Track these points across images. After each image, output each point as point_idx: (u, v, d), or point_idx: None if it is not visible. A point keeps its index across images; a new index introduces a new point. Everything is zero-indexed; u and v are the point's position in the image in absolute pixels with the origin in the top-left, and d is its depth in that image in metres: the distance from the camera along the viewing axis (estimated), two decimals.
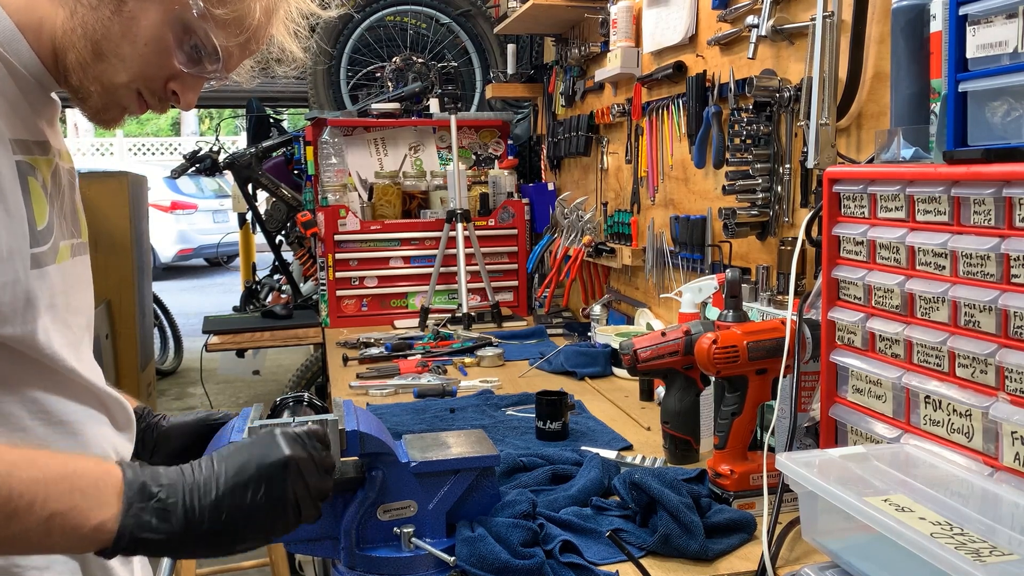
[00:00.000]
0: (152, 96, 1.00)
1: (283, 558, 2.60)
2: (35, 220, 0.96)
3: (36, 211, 0.96)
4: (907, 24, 1.29)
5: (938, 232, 1.07)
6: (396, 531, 1.07)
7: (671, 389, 1.58)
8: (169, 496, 0.82)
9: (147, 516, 0.81)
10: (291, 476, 0.86)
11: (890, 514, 0.90)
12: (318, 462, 0.89)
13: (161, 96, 1.00)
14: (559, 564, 1.11)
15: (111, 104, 0.99)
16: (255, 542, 0.86)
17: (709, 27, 2.15)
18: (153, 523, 0.81)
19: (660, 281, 2.51)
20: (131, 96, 0.99)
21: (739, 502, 1.31)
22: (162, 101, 1.01)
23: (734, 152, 1.97)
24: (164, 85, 0.99)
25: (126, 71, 0.96)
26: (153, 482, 0.82)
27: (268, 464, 0.86)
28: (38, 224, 0.96)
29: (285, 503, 0.86)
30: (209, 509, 0.82)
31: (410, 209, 3.42)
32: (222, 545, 0.84)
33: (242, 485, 0.84)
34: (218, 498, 0.83)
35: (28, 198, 0.95)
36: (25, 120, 0.97)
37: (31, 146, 0.97)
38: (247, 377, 6.49)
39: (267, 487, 0.85)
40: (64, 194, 1.05)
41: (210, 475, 0.84)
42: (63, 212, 1.04)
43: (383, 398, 2.13)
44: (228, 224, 10.18)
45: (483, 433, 1.22)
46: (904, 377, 1.12)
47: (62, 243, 1.02)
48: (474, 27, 3.98)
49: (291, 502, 0.86)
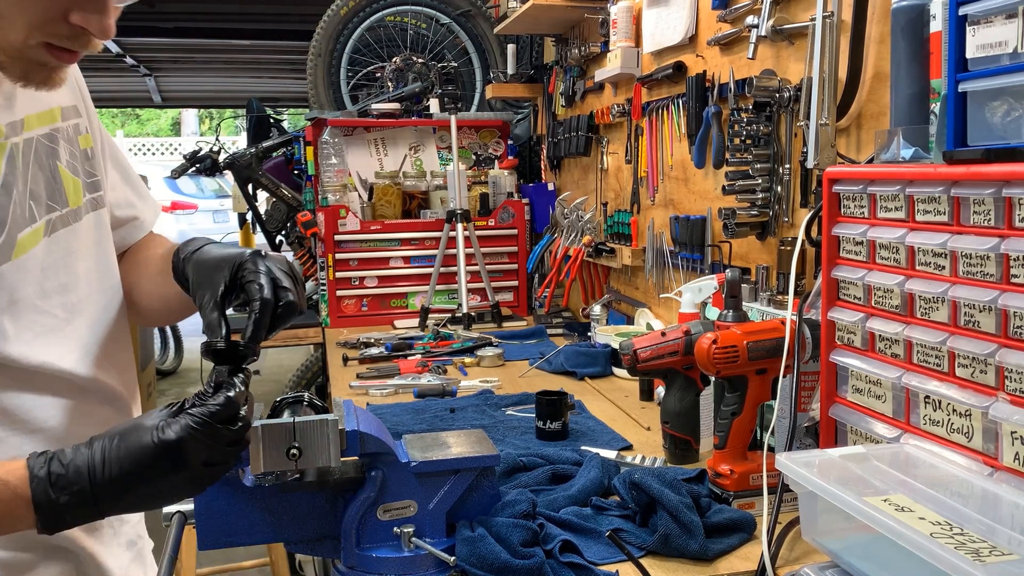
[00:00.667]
0: (63, 40, 0.88)
1: (283, 558, 2.60)
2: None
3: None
4: (907, 24, 1.29)
5: (938, 232, 1.07)
6: (396, 531, 1.07)
7: (671, 389, 1.58)
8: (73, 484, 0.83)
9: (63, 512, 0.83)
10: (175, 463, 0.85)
11: (890, 514, 0.90)
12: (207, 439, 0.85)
13: (71, 35, 0.88)
14: (559, 564, 1.11)
15: (28, 66, 0.90)
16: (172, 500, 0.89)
17: (709, 27, 2.15)
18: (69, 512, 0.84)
19: (660, 281, 2.51)
20: (41, 50, 0.88)
21: (739, 502, 1.31)
22: (77, 40, 0.89)
23: (734, 152, 1.97)
24: (67, 23, 0.87)
25: (17, 28, 0.86)
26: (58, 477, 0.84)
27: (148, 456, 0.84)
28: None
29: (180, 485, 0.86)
30: (109, 490, 0.84)
31: (410, 209, 3.42)
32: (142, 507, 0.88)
33: (140, 470, 0.84)
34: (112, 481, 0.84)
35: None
36: None
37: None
38: None
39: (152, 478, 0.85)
40: (32, 167, 0.99)
41: (100, 462, 0.84)
42: (28, 191, 0.98)
43: (383, 398, 2.13)
44: (228, 224, 10.18)
45: (483, 433, 1.22)
46: (904, 377, 1.12)
47: (23, 233, 0.97)
48: (474, 27, 3.98)
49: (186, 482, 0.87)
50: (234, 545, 1.04)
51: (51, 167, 1.03)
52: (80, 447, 0.85)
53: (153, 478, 0.84)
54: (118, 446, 0.84)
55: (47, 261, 1.01)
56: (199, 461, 0.86)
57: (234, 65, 7.51)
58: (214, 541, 1.03)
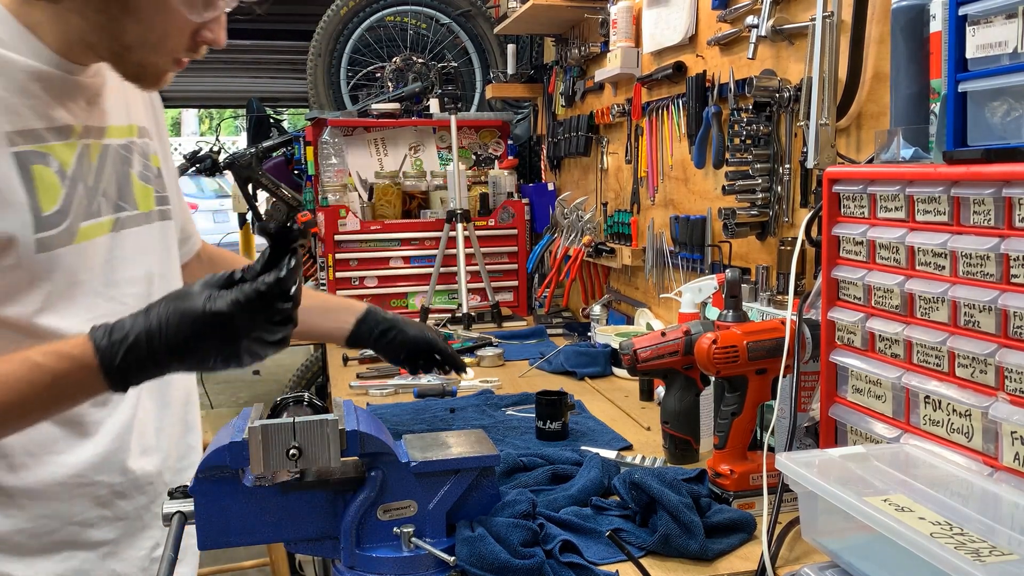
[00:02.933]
0: (187, 52, 1.06)
1: (283, 558, 2.60)
2: (40, 206, 1.00)
3: (43, 196, 1.01)
4: (907, 24, 1.29)
5: (938, 232, 1.07)
6: (396, 531, 1.07)
7: (671, 389, 1.58)
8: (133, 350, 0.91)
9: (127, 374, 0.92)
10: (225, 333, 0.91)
11: (890, 514, 0.90)
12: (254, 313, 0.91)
13: (193, 47, 1.06)
14: (559, 564, 1.11)
15: (160, 75, 1.07)
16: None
17: (709, 27, 2.15)
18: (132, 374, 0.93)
19: (660, 281, 2.51)
20: (170, 63, 1.06)
21: (739, 502, 1.31)
22: (195, 52, 1.07)
23: (734, 152, 1.97)
24: (193, 40, 1.05)
25: (158, 49, 1.03)
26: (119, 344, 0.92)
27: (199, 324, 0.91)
28: (44, 210, 1.01)
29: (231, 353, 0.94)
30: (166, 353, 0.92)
31: (410, 209, 3.42)
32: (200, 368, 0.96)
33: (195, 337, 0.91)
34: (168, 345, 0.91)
35: (32, 184, 1.00)
36: (35, 109, 1.02)
37: (43, 133, 1.03)
38: (247, 377, 6.50)
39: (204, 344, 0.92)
40: (107, 170, 1.12)
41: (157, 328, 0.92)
42: (99, 189, 1.10)
43: (383, 398, 2.13)
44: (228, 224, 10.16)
45: (483, 433, 1.22)
46: (904, 377, 1.12)
47: (86, 223, 1.07)
48: (474, 27, 3.98)
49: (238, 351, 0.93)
50: (234, 545, 1.04)
51: (124, 173, 1.16)
52: (138, 315, 0.93)
53: (204, 344, 0.92)
54: (170, 314, 0.91)
55: (114, 254, 1.12)
56: (247, 333, 0.92)
57: (234, 65, 7.50)
58: (214, 541, 1.03)
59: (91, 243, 1.07)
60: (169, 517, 0.99)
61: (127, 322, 0.93)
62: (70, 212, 1.04)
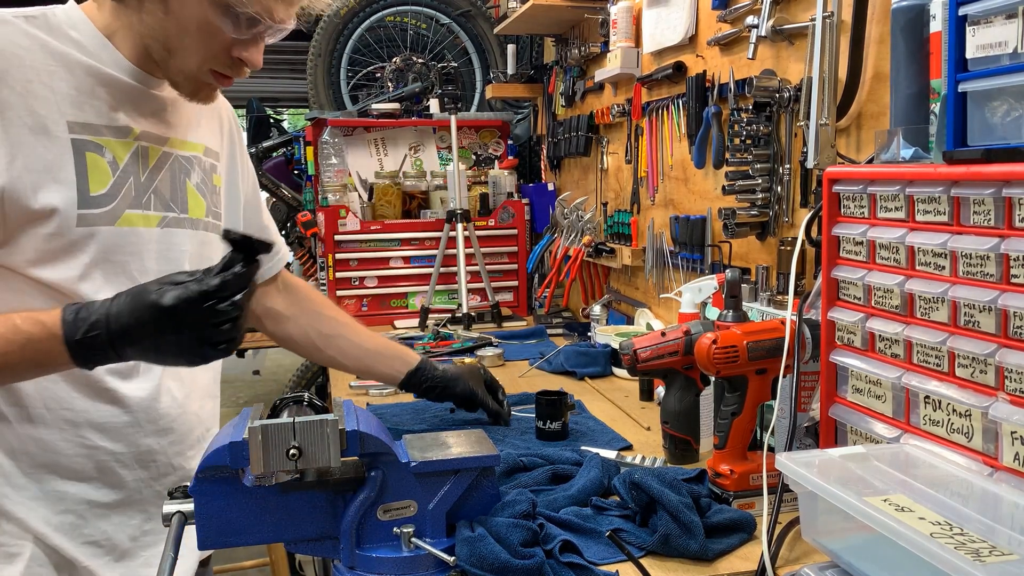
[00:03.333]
0: (225, 68, 1.15)
1: (283, 558, 2.60)
2: (88, 187, 1.13)
3: (92, 179, 1.13)
4: (907, 24, 1.29)
5: (938, 232, 1.07)
6: (396, 531, 1.07)
7: (671, 389, 1.58)
8: (92, 329, 0.98)
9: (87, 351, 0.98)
10: (172, 325, 0.96)
11: (890, 514, 0.90)
12: (197, 311, 0.96)
13: (231, 64, 1.15)
14: (559, 564, 1.11)
15: (199, 86, 1.17)
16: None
17: (709, 27, 2.15)
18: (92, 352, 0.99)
19: (660, 281, 2.51)
20: (208, 75, 1.15)
21: (739, 502, 1.31)
22: (236, 68, 1.16)
23: (734, 152, 1.97)
24: (229, 55, 1.14)
25: (194, 58, 1.13)
26: (82, 322, 0.98)
27: (147, 314, 0.96)
28: (92, 190, 1.13)
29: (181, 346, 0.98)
30: (120, 338, 0.97)
31: (410, 209, 3.42)
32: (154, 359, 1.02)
33: (141, 325, 0.96)
34: (122, 331, 0.97)
35: (84, 168, 1.12)
36: (98, 109, 1.15)
37: (101, 129, 1.15)
38: (247, 377, 6.50)
39: (153, 334, 0.97)
40: (163, 173, 1.23)
41: (115, 313, 0.97)
42: (150, 187, 1.21)
43: (383, 398, 2.13)
44: None
45: (483, 433, 1.22)
46: (904, 377, 1.12)
47: (132, 211, 1.18)
48: (474, 27, 3.98)
49: (185, 345, 0.98)
50: (234, 545, 1.04)
51: (181, 180, 1.26)
52: (108, 300, 0.99)
53: (154, 334, 0.96)
54: (127, 301, 0.98)
55: (158, 247, 1.22)
56: (190, 330, 0.96)
57: None
58: (214, 541, 1.03)
59: (133, 230, 1.18)
60: (169, 517, 0.99)
61: (97, 304, 0.99)
62: (116, 197, 1.16)
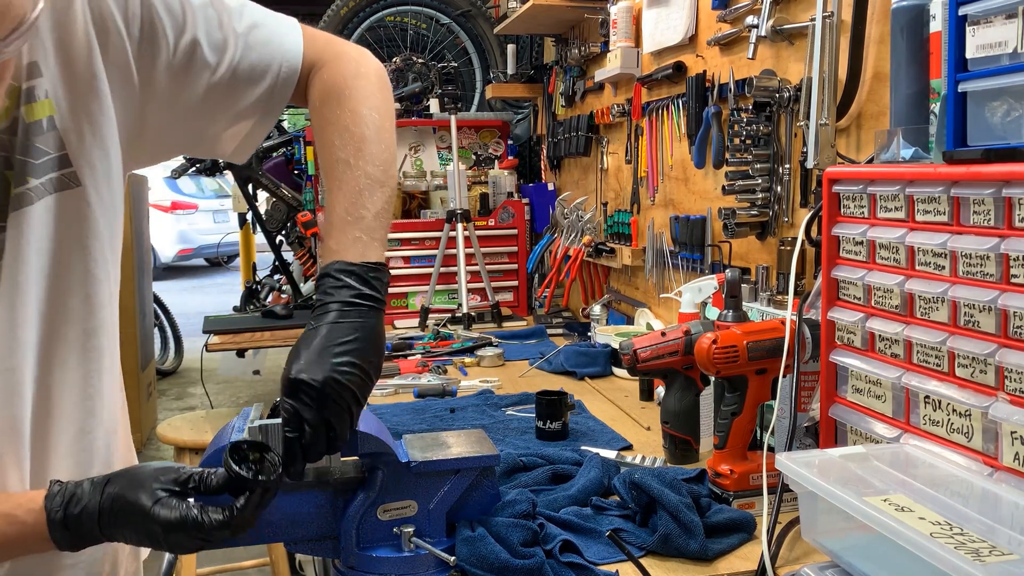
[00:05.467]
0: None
1: (283, 558, 2.60)
2: None
3: None
4: (907, 24, 1.29)
5: (938, 232, 1.07)
6: (396, 531, 1.07)
7: (671, 389, 1.58)
8: (84, 526, 0.90)
9: (76, 544, 0.91)
10: (165, 534, 0.90)
11: (890, 514, 0.90)
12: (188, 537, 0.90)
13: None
14: (559, 564, 1.11)
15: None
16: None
17: (709, 27, 2.15)
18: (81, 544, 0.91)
19: (660, 281, 2.51)
20: None
21: (739, 502, 1.31)
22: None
23: (734, 152, 1.97)
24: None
25: None
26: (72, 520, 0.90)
27: (141, 522, 0.90)
28: None
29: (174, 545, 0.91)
30: (112, 532, 0.91)
31: (410, 209, 3.42)
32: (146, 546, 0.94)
33: (127, 528, 0.90)
34: (116, 528, 0.91)
35: None
36: None
37: None
38: (247, 377, 6.48)
39: (147, 536, 0.90)
40: None
41: (108, 511, 0.90)
42: None
43: (383, 398, 2.13)
44: (228, 224, 10.17)
45: (483, 433, 1.22)
46: (904, 377, 1.12)
47: None
48: (474, 27, 3.98)
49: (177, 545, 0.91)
50: (234, 545, 1.04)
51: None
52: (96, 490, 0.90)
53: (143, 537, 0.91)
54: (120, 500, 0.90)
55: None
56: (185, 544, 0.91)
57: None
58: None
59: None
60: None
61: (85, 495, 0.90)
62: None
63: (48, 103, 0.94)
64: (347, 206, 1.01)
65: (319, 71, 1.11)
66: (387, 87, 1.13)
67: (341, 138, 1.05)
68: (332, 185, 1.03)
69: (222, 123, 1.10)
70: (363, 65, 1.12)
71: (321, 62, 1.11)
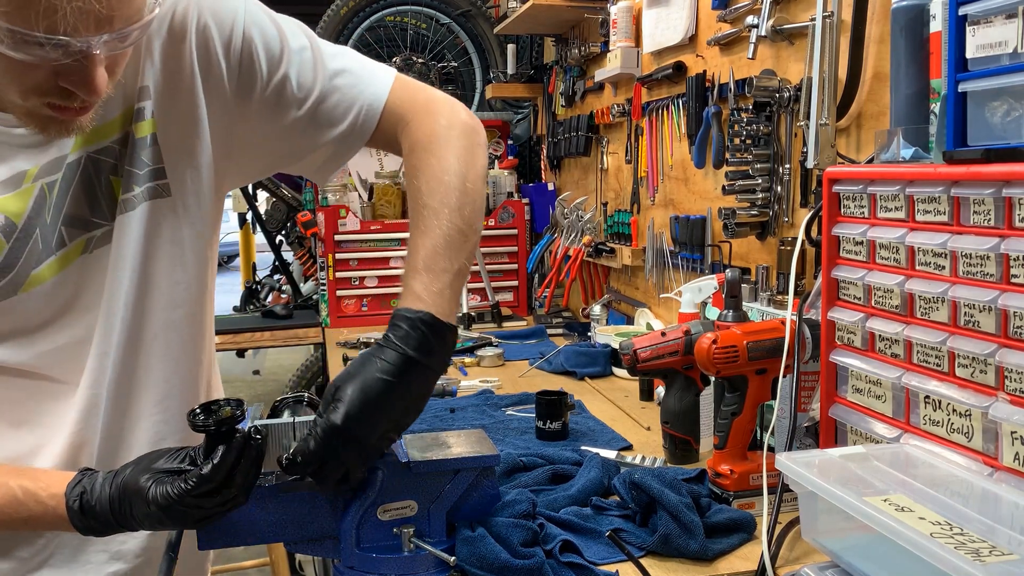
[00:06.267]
0: (60, 99, 0.91)
1: (283, 558, 2.60)
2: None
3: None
4: (907, 24, 1.29)
5: (938, 232, 1.07)
6: (396, 531, 1.07)
7: (671, 389, 1.58)
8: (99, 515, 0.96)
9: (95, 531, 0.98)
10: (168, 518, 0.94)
11: (890, 514, 0.90)
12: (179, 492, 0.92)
13: (65, 95, 0.91)
14: (559, 564, 1.11)
15: (41, 120, 0.94)
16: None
17: (709, 27, 2.15)
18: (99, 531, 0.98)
19: (660, 281, 2.51)
20: (44, 107, 0.92)
21: (739, 502, 1.31)
22: (66, 96, 0.91)
23: (734, 152, 1.97)
24: (56, 84, 0.89)
25: (14, 92, 0.91)
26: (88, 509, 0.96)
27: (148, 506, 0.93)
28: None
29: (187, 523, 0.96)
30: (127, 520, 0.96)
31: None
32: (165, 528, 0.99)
33: (139, 514, 0.95)
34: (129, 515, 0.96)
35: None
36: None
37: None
38: (247, 377, 6.50)
39: (158, 520, 0.94)
40: (76, 189, 1.04)
41: (118, 499, 0.95)
42: (59, 220, 1.04)
43: None
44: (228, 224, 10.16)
45: (483, 433, 1.22)
46: (904, 377, 1.12)
47: (42, 266, 1.03)
48: (474, 27, 3.98)
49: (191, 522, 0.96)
50: (234, 545, 1.04)
51: (101, 181, 1.06)
52: (107, 481, 0.96)
53: (159, 520, 0.95)
54: (125, 488, 0.95)
55: (65, 290, 1.06)
56: (189, 519, 0.95)
57: None
58: (214, 541, 1.03)
59: (41, 288, 1.03)
60: None
61: (98, 486, 0.96)
62: (15, 266, 1.01)
63: (152, 122, 1.07)
64: (430, 254, 1.04)
65: (410, 120, 1.16)
66: (477, 141, 1.16)
67: (428, 184, 1.09)
68: (416, 230, 1.07)
69: (302, 152, 1.19)
70: (455, 116, 1.16)
71: (413, 111, 1.16)
